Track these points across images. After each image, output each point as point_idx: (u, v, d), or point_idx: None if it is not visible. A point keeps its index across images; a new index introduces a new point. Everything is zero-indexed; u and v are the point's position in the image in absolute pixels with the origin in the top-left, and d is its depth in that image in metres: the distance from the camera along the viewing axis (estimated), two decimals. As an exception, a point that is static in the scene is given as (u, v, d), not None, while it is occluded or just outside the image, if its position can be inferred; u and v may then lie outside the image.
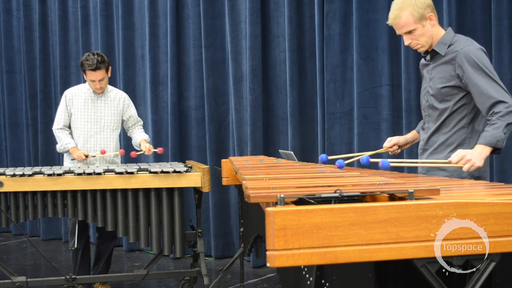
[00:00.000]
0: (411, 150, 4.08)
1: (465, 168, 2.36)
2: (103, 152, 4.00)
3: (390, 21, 2.65)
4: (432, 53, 2.67)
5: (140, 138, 4.21)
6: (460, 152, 2.39)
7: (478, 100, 2.51)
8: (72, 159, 4.07)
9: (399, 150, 2.97)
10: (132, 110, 4.23)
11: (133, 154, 4.19)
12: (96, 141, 4.05)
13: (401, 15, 2.58)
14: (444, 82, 2.60)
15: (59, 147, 4.08)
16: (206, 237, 5.01)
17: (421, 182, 2.03)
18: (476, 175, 2.55)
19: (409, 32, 2.60)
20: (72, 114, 4.05)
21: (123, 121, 4.22)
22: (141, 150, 4.17)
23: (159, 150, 4.18)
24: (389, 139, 2.96)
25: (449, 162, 2.40)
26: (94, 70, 3.89)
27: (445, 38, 2.63)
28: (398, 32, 2.66)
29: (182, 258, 4.64)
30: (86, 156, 3.96)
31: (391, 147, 2.94)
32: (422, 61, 2.81)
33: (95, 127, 4.04)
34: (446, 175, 2.59)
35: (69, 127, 4.10)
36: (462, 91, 2.57)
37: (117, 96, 4.14)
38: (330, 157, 2.89)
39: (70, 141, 4.02)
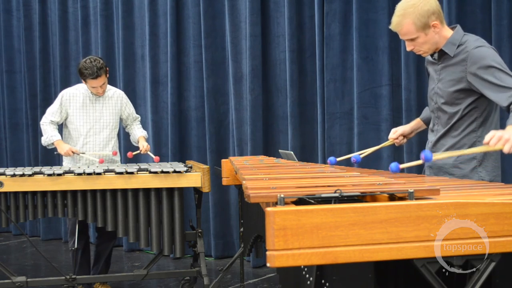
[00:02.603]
0: (411, 150, 4.09)
1: (506, 149, 2.09)
2: (114, 154, 4.04)
3: (392, 27, 2.55)
4: (440, 53, 2.58)
5: (139, 135, 4.22)
6: (496, 133, 2.11)
7: (496, 95, 2.38)
8: (56, 153, 4.03)
9: (405, 140, 2.89)
10: (130, 108, 4.24)
11: (129, 154, 4.18)
12: (96, 141, 4.05)
13: (403, 23, 2.47)
14: (454, 84, 2.52)
15: (44, 139, 4.02)
16: (206, 237, 5.01)
17: (421, 182, 2.03)
18: (486, 179, 2.51)
19: (411, 40, 2.52)
20: (69, 115, 4.04)
21: (121, 119, 4.22)
22: (138, 151, 4.17)
23: (155, 158, 4.12)
24: (393, 130, 2.88)
25: (487, 145, 2.13)
26: (95, 78, 3.87)
27: (454, 38, 2.53)
28: (400, 37, 2.58)
29: (182, 258, 4.64)
30: (74, 152, 3.93)
31: (396, 138, 2.86)
32: (429, 58, 2.70)
33: (94, 127, 4.04)
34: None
35: (65, 126, 4.09)
36: (472, 94, 2.49)
37: (115, 95, 4.14)
38: (339, 159, 2.83)
39: (56, 133, 3.99)
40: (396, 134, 2.87)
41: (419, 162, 2.16)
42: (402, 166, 2.11)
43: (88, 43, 5.80)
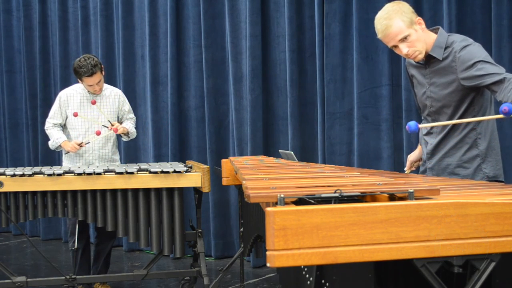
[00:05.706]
0: (411, 151, 4.08)
1: None
2: (98, 133, 3.94)
3: (380, 35, 2.54)
4: (428, 58, 2.58)
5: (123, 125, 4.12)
6: None
7: (490, 79, 2.40)
8: (66, 153, 4.04)
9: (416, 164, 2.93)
10: (126, 107, 4.23)
11: (97, 132, 4.03)
12: (94, 140, 4.05)
13: (391, 23, 2.48)
14: (448, 86, 2.54)
15: (51, 143, 4.05)
16: (206, 237, 5.01)
17: (421, 182, 2.03)
18: (491, 175, 2.54)
19: (404, 39, 2.49)
20: (68, 116, 4.04)
21: (118, 117, 4.21)
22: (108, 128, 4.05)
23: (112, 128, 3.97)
24: (408, 162, 2.93)
25: None
26: (90, 76, 3.87)
27: (440, 41, 2.54)
28: (391, 44, 2.54)
29: (182, 258, 4.64)
30: (80, 145, 3.93)
31: (411, 167, 2.91)
32: (411, 61, 2.69)
33: (92, 126, 4.03)
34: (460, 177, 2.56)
35: (63, 127, 4.09)
36: (468, 93, 2.51)
37: (112, 94, 4.13)
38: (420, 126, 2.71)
39: (61, 135, 4.00)
40: (411, 165, 2.91)
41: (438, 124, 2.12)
42: (421, 125, 2.11)
43: (88, 43, 5.80)
